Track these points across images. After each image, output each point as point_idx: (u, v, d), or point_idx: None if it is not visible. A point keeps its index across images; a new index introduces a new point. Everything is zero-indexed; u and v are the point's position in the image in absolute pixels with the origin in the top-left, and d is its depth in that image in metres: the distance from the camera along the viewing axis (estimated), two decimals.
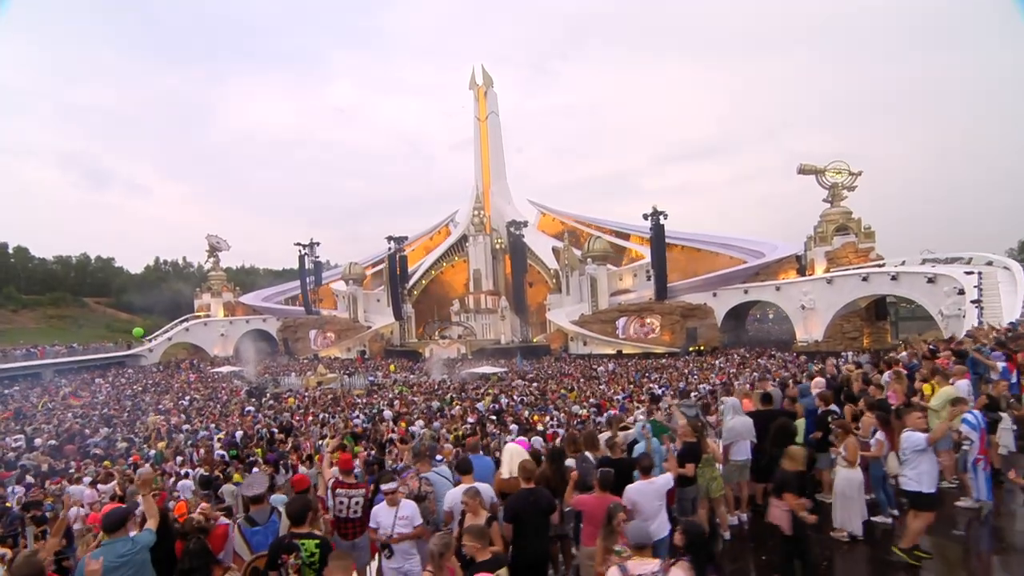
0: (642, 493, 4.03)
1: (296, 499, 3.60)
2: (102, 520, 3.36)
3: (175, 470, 13.46)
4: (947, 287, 25.47)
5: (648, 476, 4.13)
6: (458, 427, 16.63)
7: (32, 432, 18.73)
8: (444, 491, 4.32)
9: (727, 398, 6.01)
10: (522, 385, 26.06)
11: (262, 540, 3.46)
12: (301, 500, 3.54)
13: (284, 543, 3.25)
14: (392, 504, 4.07)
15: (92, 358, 44.30)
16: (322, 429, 17.24)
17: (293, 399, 24.33)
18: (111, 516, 3.38)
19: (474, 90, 57.12)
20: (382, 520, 4.05)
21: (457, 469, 4.38)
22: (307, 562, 3.21)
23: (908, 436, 4.64)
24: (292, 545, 3.24)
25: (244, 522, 3.51)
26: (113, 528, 3.29)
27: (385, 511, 4.07)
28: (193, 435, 18.08)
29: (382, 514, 4.08)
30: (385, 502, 4.10)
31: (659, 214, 41.52)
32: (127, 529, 3.35)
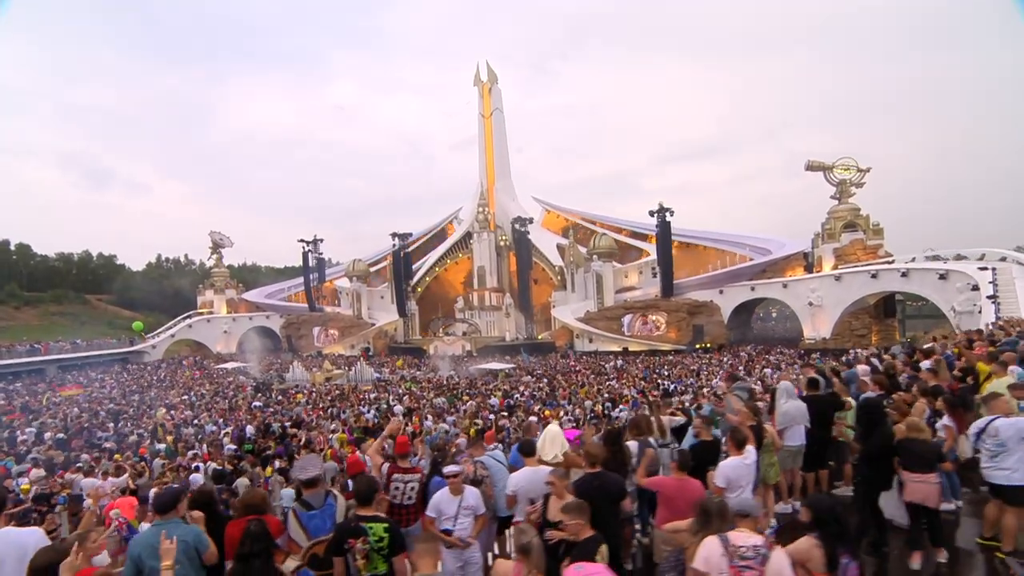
0: (736, 469, 3.87)
1: (362, 479, 3.40)
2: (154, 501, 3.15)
3: (185, 464, 13.30)
4: (959, 283, 25.28)
5: (741, 452, 3.97)
6: (469, 423, 16.46)
7: (40, 426, 18.56)
8: (500, 475, 4.12)
9: (781, 382, 5.82)
10: (531, 381, 25.89)
11: (319, 525, 3.25)
12: (367, 480, 3.34)
13: (351, 526, 3.05)
14: (456, 492, 3.81)
15: (95, 354, 44.20)
16: (332, 424, 17.10)
17: (301, 395, 24.16)
18: (163, 496, 3.17)
19: (478, 86, 56.89)
20: (444, 509, 3.78)
21: (520, 451, 4.17)
22: (375, 547, 3.01)
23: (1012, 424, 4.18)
24: (359, 529, 3.04)
25: (299, 506, 3.30)
26: (165, 509, 3.07)
27: (448, 499, 3.80)
28: (201, 430, 17.92)
29: (444, 502, 3.80)
30: (448, 489, 3.83)
31: (665, 211, 41.38)
32: (179, 511, 3.15)
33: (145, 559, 2.81)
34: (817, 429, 5.27)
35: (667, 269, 41.41)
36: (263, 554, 2.61)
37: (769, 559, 2.57)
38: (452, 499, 3.80)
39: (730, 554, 2.60)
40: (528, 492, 3.82)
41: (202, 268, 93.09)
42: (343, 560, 2.94)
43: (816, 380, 5.76)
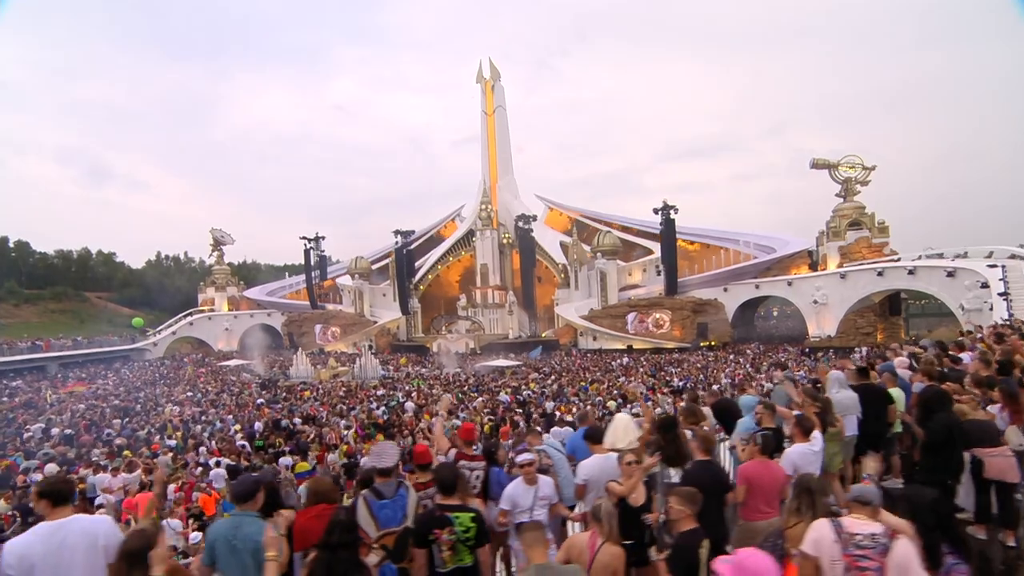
0: (804, 456, 3.74)
1: (446, 467, 3.26)
2: (232, 488, 3.02)
3: (197, 460, 13.20)
4: (968, 280, 25.25)
5: (807, 438, 3.84)
6: (482, 419, 16.36)
7: (47, 422, 18.44)
8: (561, 464, 4.00)
9: (831, 372, 5.71)
10: (539, 378, 25.81)
11: (391, 515, 3.10)
12: (451, 468, 3.21)
13: (435, 516, 2.93)
14: (531, 482, 3.62)
15: (97, 351, 44.03)
16: (344, 420, 17.00)
17: (308, 391, 24.04)
18: (242, 485, 3.00)
19: (481, 84, 56.70)
20: (520, 501, 3.59)
21: (587, 438, 4.05)
22: (461, 537, 2.88)
23: None
24: (445, 519, 2.91)
25: (370, 495, 3.16)
26: (244, 498, 2.91)
27: (524, 491, 3.62)
28: (209, 426, 17.81)
29: (520, 494, 3.62)
30: (522, 479, 3.65)
31: (670, 208, 41.27)
32: (256, 502, 3.00)
33: (221, 549, 2.69)
34: (869, 420, 5.16)
35: (671, 267, 41.32)
36: (351, 545, 2.48)
37: (892, 549, 2.36)
38: (528, 490, 3.63)
39: (844, 541, 2.42)
40: (600, 480, 3.69)
41: (202, 265, 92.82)
42: (426, 552, 2.82)
43: (866, 369, 5.66)
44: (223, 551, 2.63)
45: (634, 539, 3.15)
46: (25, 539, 2.52)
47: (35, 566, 2.31)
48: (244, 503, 2.84)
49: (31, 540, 2.49)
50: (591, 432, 4.07)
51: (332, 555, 2.42)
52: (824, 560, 2.43)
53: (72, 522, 2.56)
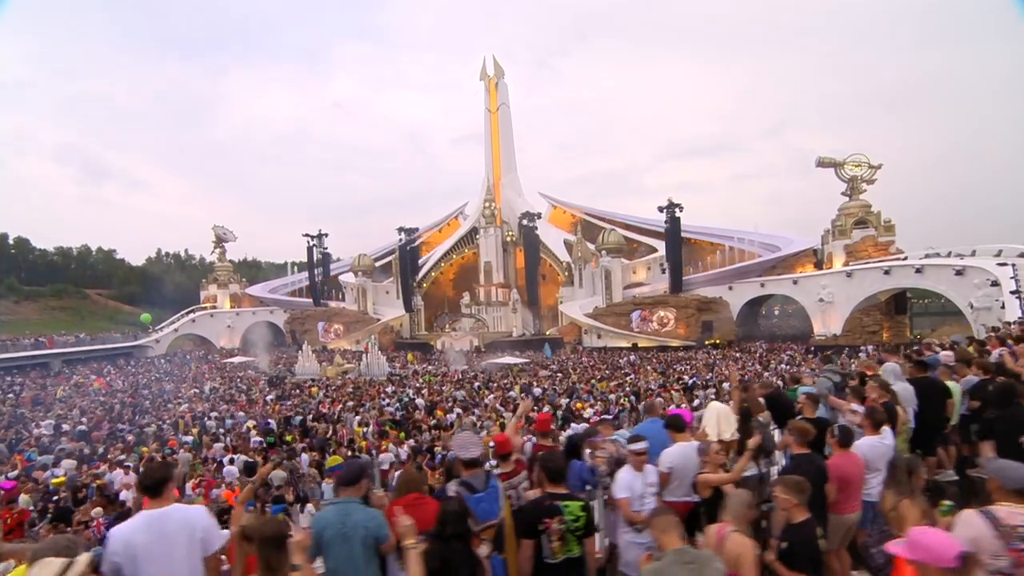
0: (874, 448, 3.68)
1: (553, 456, 3.19)
2: (338, 475, 2.95)
3: (215, 456, 13.12)
4: (978, 279, 25.23)
5: (878, 432, 3.78)
6: (496, 416, 16.30)
7: (57, 419, 18.33)
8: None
9: (887, 364, 5.67)
10: (548, 375, 25.77)
11: (487, 508, 3.02)
12: (557, 457, 3.14)
13: (545, 505, 2.85)
14: (640, 468, 3.54)
15: (99, 348, 43.87)
16: (358, 417, 16.94)
17: (316, 388, 23.96)
18: (349, 469, 2.92)
19: (484, 81, 56.55)
20: (636, 488, 3.48)
21: (669, 427, 3.99)
22: (571, 527, 2.82)
23: None
24: (554, 508, 2.84)
25: (463, 488, 3.09)
26: (351, 482, 2.84)
27: (635, 477, 3.52)
28: (221, 422, 17.73)
29: (635, 482, 3.51)
30: (631, 467, 3.56)
31: (675, 206, 41.24)
32: (361, 487, 2.92)
33: (329, 537, 2.62)
34: (926, 413, 5.12)
35: (676, 265, 41.28)
36: (465, 536, 2.42)
37: None
38: (638, 477, 3.54)
39: (1005, 534, 2.24)
40: (683, 468, 3.64)
41: (202, 263, 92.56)
42: (534, 543, 2.75)
43: (924, 362, 5.62)
44: (333, 539, 2.56)
45: None
46: (129, 526, 2.49)
47: (138, 554, 2.27)
48: (349, 488, 2.76)
49: (134, 527, 2.46)
50: (673, 421, 4.01)
51: (446, 547, 2.36)
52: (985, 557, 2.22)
53: (171, 512, 2.51)
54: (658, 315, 41.09)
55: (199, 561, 2.49)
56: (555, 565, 2.79)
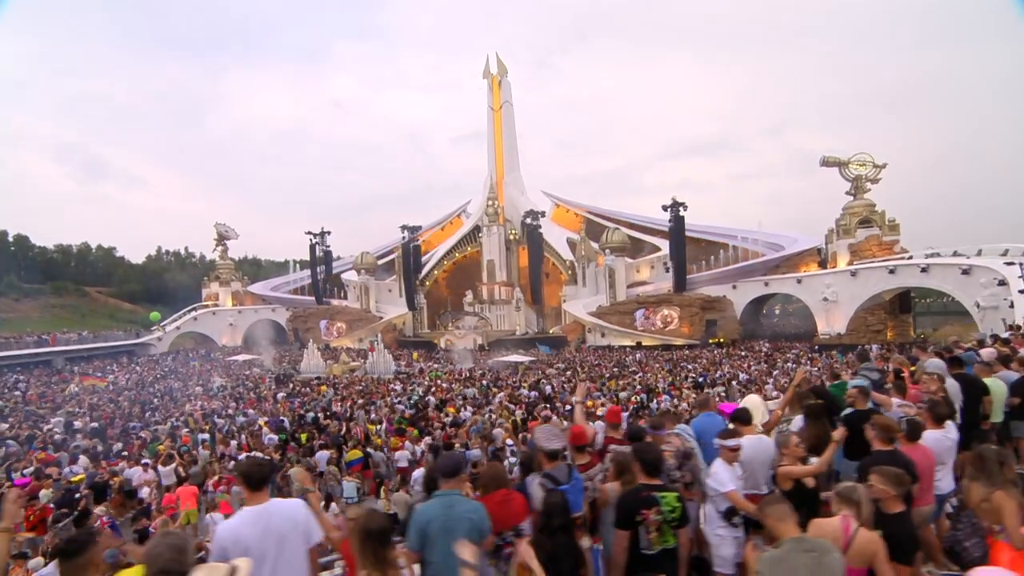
0: (940, 442, 3.67)
1: (648, 447, 3.18)
2: (438, 466, 2.92)
3: (231, 454, 13.09)
4: (984, 278, 25.28)
5: (940, 426, 3.77)
6: (508, 414, 16.29)
7: (67, 416, 18.28)
8: (697, 448, 3.91)
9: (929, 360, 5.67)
10: (554, 373, 25.77)
11: (573, 500, 2.97)
12: (653, 447, 3.13)
13: (642, 497, 2.85)
14: (732, 462, 3.51)
15: (102, 346, 43.77)
16: (372, 415, 16.94)
17: (325, 386, 23.92)
18: (448, 461, 2.89)
19: (488, 79, 56.50)
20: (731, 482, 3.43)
21: (736, 420, 3.98)
22: (668, 518, 2.82)
23: None
24: (652, 499, 2.84)
25: (546, 481, 3.07)
26: (452, 473, 2.82)
27: (729, 471, 3.49)
28: (232, 420, 17.69)
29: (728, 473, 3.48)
30: (724, 460, 3.53)
31: (679, 205, 41.26)
32: (461, 479, 2.90)
33: (434, 531, 2.59)
34: (968, 410, 5.11)
35: (680, 264, 41.31)
36: (569, 528, 2.41)
37: None
38: (731, 470, 3.51)
39: None
40: (753, 461, 3.63)
41: (203, 261, 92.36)
42: (630, 534, 2.74)
43: (960, 359, 5.62)
44: (437, 532, 2.54)
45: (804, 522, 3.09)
46: (236, 522, 2.49)
47: (249, 548, 2.27)
48: (450, 480, 2.75)
49: (241, 523, 2.47)
50: (740, 414, 4.00)
51: (552, 539, 2.35)
52: None
53: (273, 506, 2.50)
54: (662, 314, 41.14)
55: (304, 553, 2.50)
56: (652, 556, 2.78)
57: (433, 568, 2.56)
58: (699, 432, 4.14)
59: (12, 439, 14.65)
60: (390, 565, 2.21)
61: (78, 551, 2.33)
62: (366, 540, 2.20)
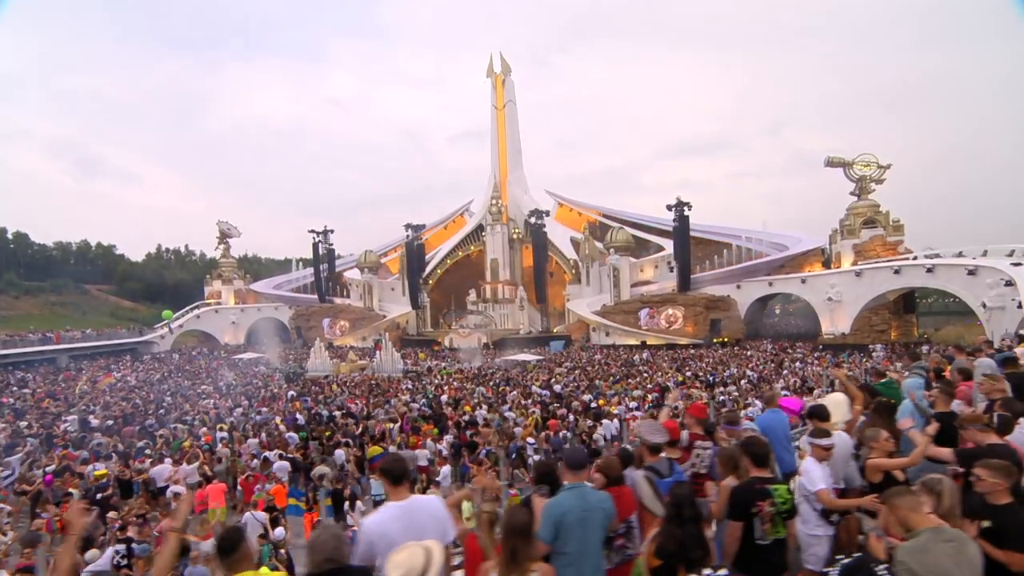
0: (1016, 438, 3.71)
1: (756, 440, 3.26)
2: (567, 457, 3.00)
3: (253, 452, 13.10)
4: (991, 279, 25.43)
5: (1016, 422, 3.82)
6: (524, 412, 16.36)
7: (81, 414, 18.27)
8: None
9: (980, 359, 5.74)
10: (564, 372, 25.84)
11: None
12: (761, 441, 3.21)
13: (756, 489, 2.93)
14: (824, 460, 3.52)
15: (106, 344, 43.71)
16: (389, 413, 16.97)
17: (336, 385, 23.95)
18: (576, 454, 2.97)
19: (491, 78, 56.51)
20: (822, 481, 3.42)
21: (813, 416, 4.04)
22: (780, 509, 2.89)
23: None
24: (765, 491, 2.92)
25: (650, 473, 3.16)
26: (581, 466, 2.87)
27: (821, 470, 3.48)
28: (247, 418, 17.71)
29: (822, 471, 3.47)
30: (815, 457, 3.54)
31: (683, 205, 41.33)
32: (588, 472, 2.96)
33: (570, 522, 2.66)
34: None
35: (685, 263, 41.41)
36: (698, 519, 2.49)
37: None
38: (824, 469, 3.52)
39: None
40: (837, 457, 3.69)
41: (203, 259, 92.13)
42: (743, 524, 2.82)
43: (1014, 357, 5.69)
44: (573, 524, 2.60)
45: None
46: (382, 516, 2.56)
47: (394, 542, 2.33)
48: (578, 472, 2.82)
49: (388, 517, 2.54)
50: (819, 411, 4.07)
51: (682, 529, 2.42)
52: None
53: (415, 502, 2.57)
54: (666, 313, 41.25)
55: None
56: (766, 546, 2.86)
57: (566, 559, 2.61)
58: (764, 428, 4.21)
59: (32, 437, 14.66)
60: (532, 560, 2.27)
61: (233, 547, 2.40)
62: (510, 536, 2.27)
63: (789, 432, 4.26)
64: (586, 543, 2.57)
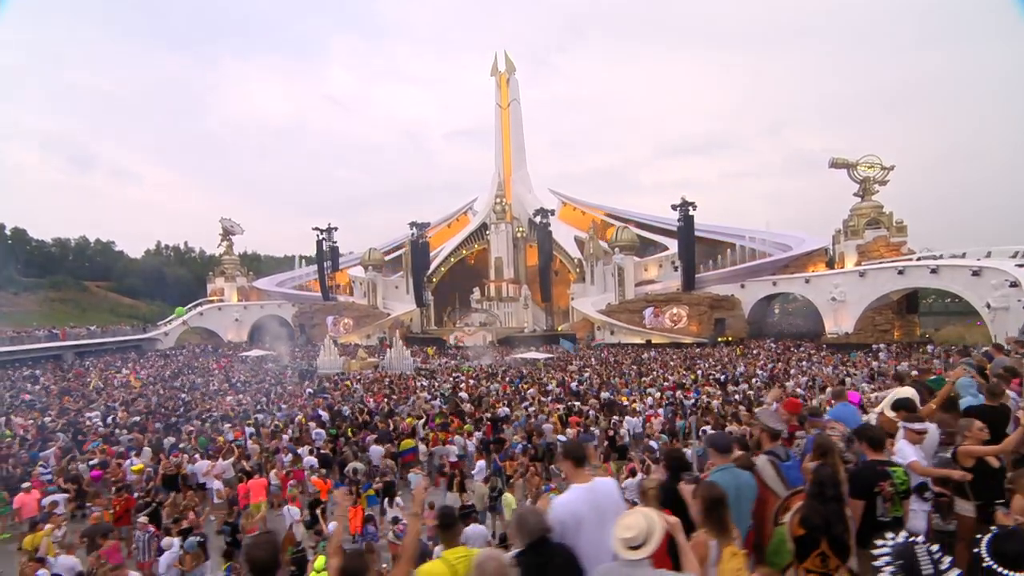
0: None
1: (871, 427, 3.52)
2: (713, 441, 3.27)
3: (287, 447, 13.28)
4: (995, 280, 25.85)
5: None
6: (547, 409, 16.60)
7: (104, 410, 18.40)
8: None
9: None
10: (575, 371, 26.11)
11: (795, 476, 3.39)
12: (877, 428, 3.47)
13: (878, 470, 3.20)
14: (916, 443, 3.83)
15: (111, 341, 43.70)
16: (411, 409, 17.19)
17: (350, 382, 24.12)
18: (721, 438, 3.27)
19: (496, 77, 56.65)
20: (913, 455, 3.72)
21: (903, 408, 4.31)
22: (898, 489, 3.16)
23: None
24: (886, 472, 3.19)
25: (773, 457, 3.44)
26: (727, 449, 3.18)
27: (912, 448, 3.77)
28: (270, 415, 17.87)
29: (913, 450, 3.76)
30: (908, 440, 3.85)
31: (688, 205, 41.65)
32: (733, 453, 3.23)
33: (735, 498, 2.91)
34: None
35: (689, 263, 41.76)
36: (839, 498, 2.75)
37: None
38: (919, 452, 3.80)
39: None
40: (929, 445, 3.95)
41: (202, 255, 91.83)
42: (865, 503, 3.09)
43: None
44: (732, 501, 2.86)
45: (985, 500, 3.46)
46: (572, 497, 2.78)
47: (583, 521, 2.56)
48: (726, 455, 3.10)
49: (576, 498, 2.76)
50: (906, 403, 4.33)
51: (826, 506, 2.68)
52: None
53: (597, 484, 2.80)
54: (671, 312, 41.59)
55: None
56: (886, 523, 3.12)
57: None
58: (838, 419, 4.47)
59: (60, 432, 14.79)
60: (731, 529, 2.54)
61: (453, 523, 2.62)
62: (714, 507, 2.54)
63: (860, 422, 4.53)
64: (738, 520, 2.83)
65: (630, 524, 2.14)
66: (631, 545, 2.09)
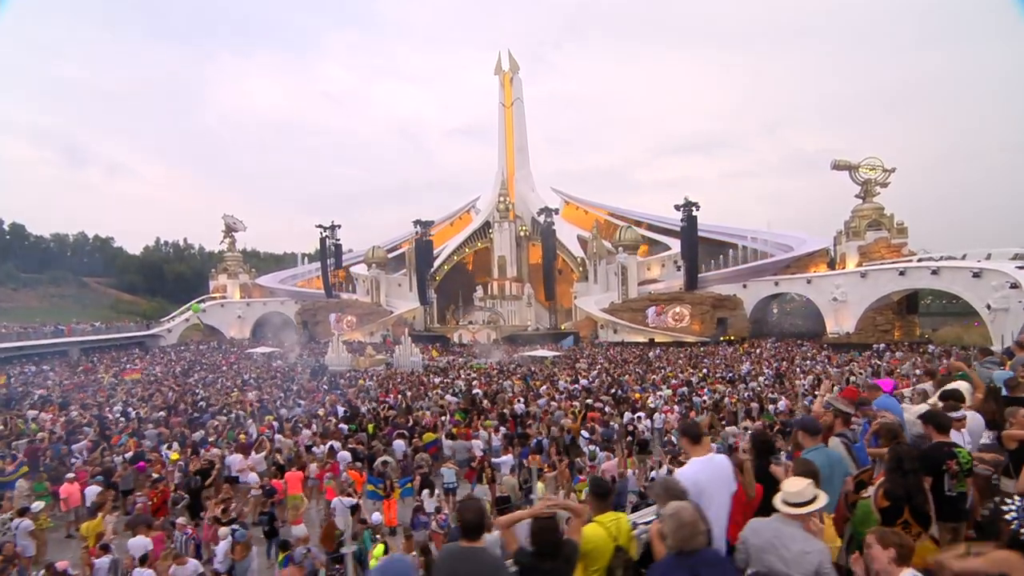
0: None
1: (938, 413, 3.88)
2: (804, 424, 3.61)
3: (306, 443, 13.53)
4: (996, 281, 26.35)
5: None
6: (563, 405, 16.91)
7: (124, 405, 18.60)
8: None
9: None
10: (584, 368, 26.45)
11: (863, 457, 3.78)
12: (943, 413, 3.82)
13: (945, 451, 3.55)
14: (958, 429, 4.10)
15: (115, 337, 43.80)
16: (428, 405, 17.46)
17: (363, 379, 24.38)
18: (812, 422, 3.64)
19: (499, 76, 56.90)
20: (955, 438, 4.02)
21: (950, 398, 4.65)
22: (963, 468, 3.50)
23: None
24: (952, 452, 3.53)
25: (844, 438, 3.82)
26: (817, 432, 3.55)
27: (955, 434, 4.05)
28: (288, 411, 18.10)
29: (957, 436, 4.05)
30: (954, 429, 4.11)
31: (691, 205, 42.08)
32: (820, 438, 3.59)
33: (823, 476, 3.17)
34: None
35: (692, 262, 42.20)
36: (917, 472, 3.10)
37: None
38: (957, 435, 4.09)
39: None
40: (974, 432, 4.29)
41: (202, 252, 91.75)
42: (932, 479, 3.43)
43: None
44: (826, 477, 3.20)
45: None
46: (694, 469, 3.10)
47: (703, 490, 2.89)
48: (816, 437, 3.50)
49: (697, 470, 3.08)
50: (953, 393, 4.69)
51: (905, 479, 3.02)
52: None
53: (712, 458, 3.13)
54: (673, 311, 42.03)
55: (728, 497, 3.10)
56: (952, 497, 3.47)
57: None
58: (884, 409, 4.84)
59: (86, 426, 15.01)
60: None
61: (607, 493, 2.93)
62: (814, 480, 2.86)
63: (901, 411, 4.90)
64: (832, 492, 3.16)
65: (797, 484, 2.45)
66: (795, 501, 2.39)
